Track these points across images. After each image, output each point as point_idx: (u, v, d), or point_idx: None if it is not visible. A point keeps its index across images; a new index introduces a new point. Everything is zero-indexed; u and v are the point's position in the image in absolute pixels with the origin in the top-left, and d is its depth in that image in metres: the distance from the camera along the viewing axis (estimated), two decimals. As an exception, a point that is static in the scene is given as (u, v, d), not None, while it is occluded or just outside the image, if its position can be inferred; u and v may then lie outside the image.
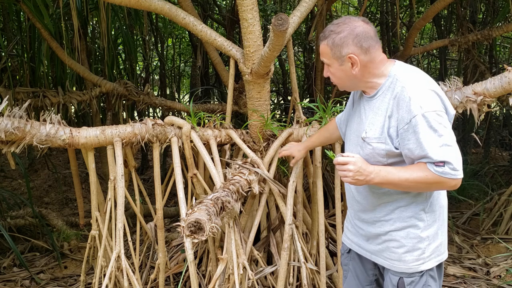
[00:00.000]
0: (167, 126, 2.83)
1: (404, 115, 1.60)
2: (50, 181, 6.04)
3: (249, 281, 2.60)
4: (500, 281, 3.35)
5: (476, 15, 5.44)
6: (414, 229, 1.74)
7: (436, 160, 1.56)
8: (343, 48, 1.67)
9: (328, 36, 1.69)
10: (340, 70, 1.72)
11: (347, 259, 2.05)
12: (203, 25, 2.96)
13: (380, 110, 1.70)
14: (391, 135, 1.66)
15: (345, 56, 1.68)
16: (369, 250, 1.89)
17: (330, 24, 1.74)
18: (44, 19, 3.82)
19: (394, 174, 1.63)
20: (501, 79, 2.50)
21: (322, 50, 1.74)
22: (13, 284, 3.41)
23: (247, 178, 2.62)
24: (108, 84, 4.27)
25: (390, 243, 1.79)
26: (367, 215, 1.85)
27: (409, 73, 1.69)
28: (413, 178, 1.60)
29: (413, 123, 1.57)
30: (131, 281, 2.60)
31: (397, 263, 1.78)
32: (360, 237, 1.93)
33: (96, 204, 2.80)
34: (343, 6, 7.94)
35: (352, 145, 1.85)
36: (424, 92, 1.62)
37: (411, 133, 1.58)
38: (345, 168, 1.64)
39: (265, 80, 2.84)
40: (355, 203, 1.90)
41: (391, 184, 1.66)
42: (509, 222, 4.18)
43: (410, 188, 1.67)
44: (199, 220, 1.89)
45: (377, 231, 1.82)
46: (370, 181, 1.64)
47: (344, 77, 1.74)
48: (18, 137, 2.41)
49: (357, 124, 1.83)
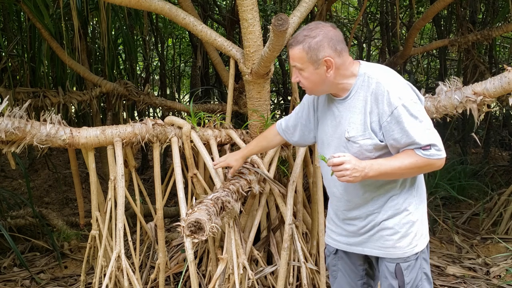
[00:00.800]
0: (167, 126, 2.83)
1: (385, 108, 1.68)
2: (50, 181, 6.04)
3: (249, 281, 2.61)
4: (500, 281, 3.35)
5: (476, 15, 5.44)
6: (405, 214, 1.81)
7: (423, 145, 1.66)
8: (319, 52, 1.70)
9: (303, 41, 1.72)
10: (315, 73, 1.75)
11: (335, 259, 2.06)
12: (203, 25, 2.96)
13: (357, 108, 1.75)
14: (374, 130, 1.72)
15: (321, 60, 1.71)
16: (360, 244, 1.91)
17: (300, 30, 1.77)
18: (44, 19, 3.82)
19: (386, 165, 1.69)
20: (500, 79, 2.50)
21: (296, 55, 1.75)
22: (13, 284, 3.41)
23: (247, 178, 2.62)
24: (108, 84, 4.27)
25: (384, 232, 1.82)
26: (359, 211, 1.86)
27: (378, 70, 1.78)
28: (405, 165, 1.68)
29: (396, 114, 1.66)
30: (131, 281, 2.60)
31: (393, 250, 1.83)
32: (349, 235, 1.94)
33: (96, 204, 2.80)
34: (343, 6, 7.94)
35: (333, 148, 1.86)
36: (399, 85, 1.72)
37: (395, 123, 1.67)
38: (341, 168, 1.66)
39: (265, 80, 2.84)
40: (344, 204, 1.90)
41: (385, 174, 1.71)
42: (509, 222, 4.18)
43: (403, 175, 1.74)
44: (199, 220, 1.90)
45: (371, 223, 1.85)
46: (366, 175, 1.68)
47: (318, 80, 1.76)
48: (18, 137, 2.41)
49: (333, 127, 1.86)
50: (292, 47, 1.76)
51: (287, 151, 3.06)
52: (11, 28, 4.96)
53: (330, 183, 1.93)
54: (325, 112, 1.92)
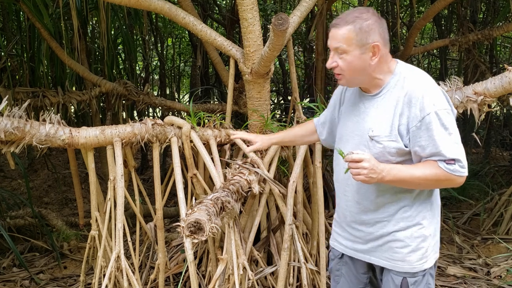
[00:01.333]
0: (167, 126, 2.83)
1: (417, 112, 1.59)
2: (50, 181, 6.03)
3: (249, 282, 2.60)
4: (500, 281, 3.35)
5: (476, 15, 5.44)
6: (418, 228, 1.73)
7: (448, 158, 1.58)
8: (369, 35, 1.61)
9: (353, 21, 1.62)
10: (359, 58, 1.64)
11: (339, 264, 2.00)
12: (203, 24, 2.95)
13: (387, 108, 1.67)
14: (401, 133, 1.64)
15: (369, 44, 1.62)
16: (367, 252, 1.85)
17: (348, 11, 1.68)
18: (44, 18, 3.81)
19: (405, 172, 1.62)
20: (501, 79, 2.49)
21: (342, 36, 1.63)
22: (12, 284, 3.40)
23: (247, 178, 2.61)
24: (108, 84, 4.26)
25: (394, 243, 1.76)
26: (367, 216, 1.80)
27: (416, 72, 1.70)
28: (425, 176, 1.60)
29: (427, 121, 1.58)
30: (131, 281, 2.59)
31: (401, 263, 1.76)
32: (356, 240, 1.87)
33: (95, 204, 2.79)
34: (343, 6, 7.93)
35: (351, 145, 1.78)
36: (435, 91, 1.63)
37: (424, 130, 1.59)
38: (359, 166, 1.58)
39: (265, 80, 2.84)
40: (353, 205, 1.83)
41: (402, 182, 1.64)
42: (510, 222, 4.18)
43: (420, 185, 1.67)
44: (199, 220, 1.89)
45: (379, 232, 1.78)
46: (382, 179, 1.61)
47: (360, 67, 1.66)
48: (17, 137, 2.40)
49: (355, 123, 1.78)
50: (338, 27, 1.64)
51: (287, 151, 3.06)
52: (11, 28, 4.96)
53: (342, 182, 1.85)
54: (350, 107, 1.84)
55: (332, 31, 1.67)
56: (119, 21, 4.98)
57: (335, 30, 1.66)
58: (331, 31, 1.68)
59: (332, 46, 1.69)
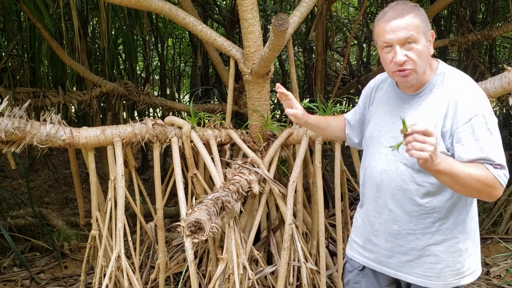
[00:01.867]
0: (167, 126, 2.83)
1: (463, 115, 1.51)
2: (50, 181, 6.04)
3: (249, 281, 2.60)
4: (500, 281, 3.35)
5: (476, 15, 5.44)
6: (454, 241, 1.63)
7: (496, 163, 1.49)
8: (428, 23, 1.56)
9: (413, 10, 1.53)
10: (426, 47, 1.55)
11: (359, 276, 1.85)
12: (203, 25, 2.96)
13: (429, 109, 1.58)
14: (444, 135, 1.54)
15: (430, 32, 1.57)
16: (392, 267, 1.72)
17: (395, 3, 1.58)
18: (44, 19, 3.82)
19: (458, 166, 1.45)
20: (501, 79, 2.50)
21: (411, 24, 1.52)
22: (13, 284, 3.41)
23: (247, 178, 2.62)
24: (108, 84, 4.27)
25: (427, 259, 1.64)
26: (399, 226, 1.66)
27: (459, 73, 1.62)
28: (476, 174, 1.45)
29: (473, 123, 1.49)
30: (131, 281, 2.60)
31: (435, 280, 1.65)
32: (380, 252, 1.74)
33: (96, 204, 2.80)
34: (343, 6, 7.94)
35: (386, 148, 1.66)
36: (481, 94, 1.55)
37: (470, 133, 1.50)
38: (427, 140, 1.34)
39: (265, 80, 2.84)
40: (385, 213, 1.69)
41: (453, 175, 1.44)
42: (509, 222, 4.18)
43: (468, 186, 1.47)
44: (199, 220, 1.90)
45: (410, 245, 1.66)
46: (437, 165, 1.40)
47: (426, 58, 1.57)
48: (18, 137, 2.41)
49: (390, 125, 1.67)
50: (402, 16, 1.52)
51: (287, 151, 3.06)
52: (11, 28, 4.96)
53: (374, 185, 1.71)
54: (382, 107, 1.74)
55: (396, 22, 1.52)
56: (119, 21, 4.99)
57: (400, 21, 1.52)
58: (392, 23, 1.53)
59: (400, 38, 1.52)
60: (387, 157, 1.67)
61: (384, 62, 1.61)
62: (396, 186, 1.64)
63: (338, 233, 2.93)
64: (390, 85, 1.77)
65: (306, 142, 2.88)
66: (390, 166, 1.65)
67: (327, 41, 5.24)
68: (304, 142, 2.88)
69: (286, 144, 3.02)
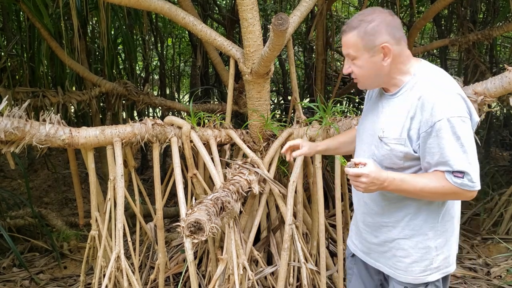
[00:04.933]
0: (167, 126, 2.83)
1: (428, 117, 1.52)
2: (50, 181, 6.03)
3: (249, 282, 2.60)
4: (500, 281, 3.35)
5: (476, 14, 5.43)
6: (423, 238, 1.67)
7: (456, 170, 1.50)
8: (376, 38, 1.56)
9: (357, 26, 1.57)
10: (370, 62, 1.60)
11: (351, 262, 1.98)
12: (203, 24, 2.95)
13: (401, 110, 1.61)
14: (411, 137, 1.57)
15: (378, 46, 1.56)
16: (372, 257, 1.83)
17: (356, 14, 1.63)
18: (44, 18, 3.81)
19: (408, 183, 1.55)
20: (501, 79, 2.49)
21: (349, 42, 1.60)
22: (12, 284, 3.40)
23: (247, 178, 2.61)
24: (108, 84, 4.26)
25: (397, 252, 1.72)
26: (373, 219, 1.76)
27: (435, 74, 1.62)
28: (429, 188, 1.53)
29: (437, 127, 1.49)
30: (131, 282, 2.59)
31: (403, 273, 1.72)
32: (364, 243, 1.85)
33: (95, 204, 2.79)
34: (343, 6, 7.93)
35: (364, 144, 1.75)
36: (450, 96, 1.54)
37: (434, 137, 1.51)
38: (357, 180, 1.53)
39: (265, 80, 2.83)
40: (362, 205, 1.81)
41: (405, 192, 1.58)
42: (510, 222, 4.18)
43: (424, 197, 1.60)
44: (199, 220, 1.89)
45: (383, 236, 1.74)
46: (384, 188, 1.55)
47: (372, 70, 1.61)
48: (17, 137, 2.40)
49: (371, 123, 1.74)
50: (345, 33, 1.61)
51: (287, 151, 3.05)
52: (11, 28, 4.95)
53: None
54: (371, 106, 1.79)
55: (342, 37, 1.64)
56: (119, 21, 4.98)
57: (344, 37, 1.62)
58: (342, 37, 1.65)
59: (344, 53, 1.65)
60: (364, 154, 1.76)
61: None
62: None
63: (338, 233, 2.92)
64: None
65: (306, 142, 2.87)
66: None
67: (327, 40, 5.23)
68: (304, 142, 2.87)
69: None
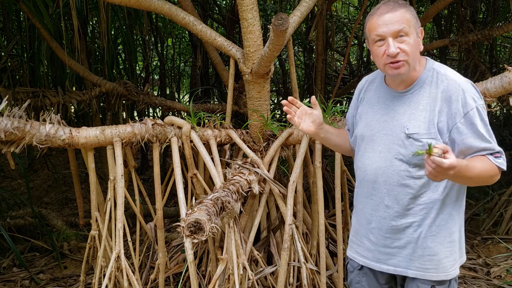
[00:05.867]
0: (167, 126, 2.83)
1: (459, 108, 1.56)
2: (50, 181, 6.04)
3: (249, 281, 2.60)
4: (500, 281, 3.35)
5: (476, 15, 5.43)
6: (449, 232, 1.67)
7: (496, 151, 1.58)
8: (418, 20, 1.61)
9: (404, 5, 1.57)
10: (416, 41, 1.59)
11: (359, 276, 1.87)
12: (203, 25, 2.95)
13: (422, 105, 1.61)
14: (441, 130, 1.59)
15: (419, 28, 1.61)
16: (392, 263, 1.74)
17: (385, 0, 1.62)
18: (44, 18, 3.82)
19: (471, 168, 1.50)
20: (501, 79, 2.49)
21: (403, 17, 1.55)
22: (12, 284, 3.40)
23: (247, 178, 2.61)
24: (108, 84, 4.27)
25: (425, 251, 1.67)
26: (397, 222, 1.68)
27: (447, 68, 1.66)
28: (484, 171, 1.55)
29: (471, 116, 1.55)
30: (131, 281, 2.59)
31: (435, 271, 1.68)
32: (378, 250, 1.75)
33: (96, 204, 2.79)
34: (343, 6, 7.93)
35: (380, 145, 1.69)
36: (471, 86, 1.61)
37: (468, 125, 1.56)
38: (444, 172, 1.40)
39: (265, 80, 2.84)
40: (382, 209, 1.71)
41: (464, 178, 1.53)
42: (510, 222, 4.18)
43: (475, 182, 1.60)
44: (199, 220, 1.89)
45: (408, 238, 1.68)
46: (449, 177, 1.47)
47: (416, 51, 1.61)
48: (17, 137, 2.40)
49: (381, 123, 1.70)
50: (395, 10, 1.56)
51: (287, 151, 3.06)
52: (11, 28, 4.95)
53: (369, 184, 1.74)
54: (372, 106, 1.76)
55: (388, 16, 1.56)
56: (119, 21, 4.98)
57: (392, 14, 1.56)
58: (385, 16, 1.56)
59: (393, 30, 1.55)
60: (381, 155, 1.69)
61: (376, 56, 1.64)
62: (393, 182, 1.67)
63: (338, 233, 2.92)
64: (379, 85, 1.79)
65: (306, 142, 2.87)
66: (385, 163, 1.68)
67: (327, 40, 5.24)
68: (304, 142, 2.87)
69: (286, 144, 3.01)
